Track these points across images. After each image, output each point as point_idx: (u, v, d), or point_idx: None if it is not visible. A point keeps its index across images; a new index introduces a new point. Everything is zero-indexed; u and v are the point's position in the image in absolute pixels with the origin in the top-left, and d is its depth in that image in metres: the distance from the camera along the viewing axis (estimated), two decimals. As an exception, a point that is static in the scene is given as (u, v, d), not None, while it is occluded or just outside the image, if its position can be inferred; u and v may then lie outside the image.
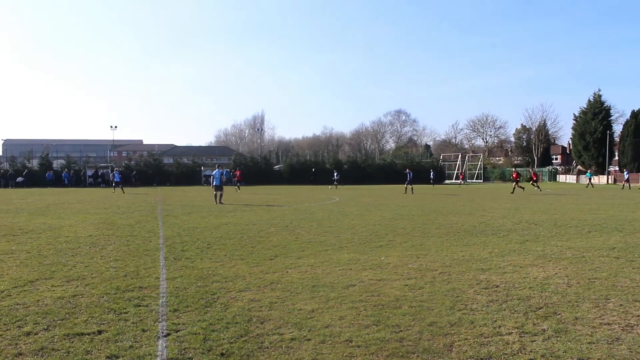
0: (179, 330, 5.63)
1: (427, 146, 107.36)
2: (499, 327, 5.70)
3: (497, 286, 7.66)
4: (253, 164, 67.66)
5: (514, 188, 38.12)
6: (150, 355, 4.92)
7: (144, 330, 5.64)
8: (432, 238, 12.93)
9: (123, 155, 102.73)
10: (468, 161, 77.94)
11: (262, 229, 15.14)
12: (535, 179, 43.20)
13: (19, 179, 56.94)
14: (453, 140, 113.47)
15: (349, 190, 40.91)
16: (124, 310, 6.44)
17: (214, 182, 27.85)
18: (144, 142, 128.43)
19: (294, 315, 6.20)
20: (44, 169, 59.28)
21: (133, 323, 5.91)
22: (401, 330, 5.57)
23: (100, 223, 17.00)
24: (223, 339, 5.35)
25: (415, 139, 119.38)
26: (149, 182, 58.96)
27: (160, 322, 5.95)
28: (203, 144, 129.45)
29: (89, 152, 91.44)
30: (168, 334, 5.50)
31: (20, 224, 16.88)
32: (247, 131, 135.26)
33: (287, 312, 6.32)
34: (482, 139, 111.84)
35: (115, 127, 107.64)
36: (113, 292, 7.41)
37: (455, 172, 73.39)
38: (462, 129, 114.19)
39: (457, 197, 32.03)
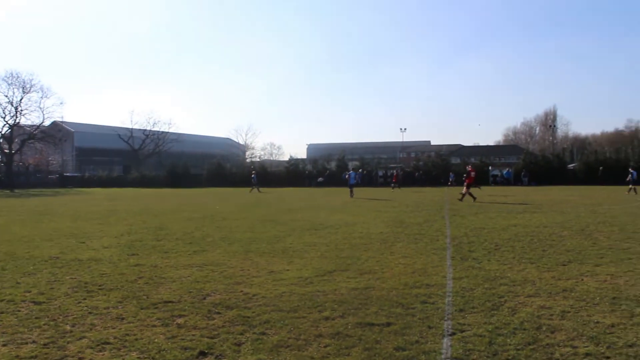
0: (464, 331, 5.61)
1: None
2: None
3: None
4: (544, 163, 64.02)
5: None
6: (435, 352, 5.00)
7: (429, 327, 5.76)
8: None
9: (411, 156, 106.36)
10: None
11: (554, 232, 14.24)
12: None
13: (320, 179, 63.07)
14: None
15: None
16: (411, 306, 6.66)
17: (350, 181, 36.20)
18: (432, 143, 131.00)
19: (590, 328, 5.69)
20: (341, 170, 64.59)
21: (420, 319, 6.08)
22: None
23: (389, 220, 17.88)
24: (509, 344, 5.17)
25: None
26: (434, 182, 59.97)
27: (445, 320, 6.01)
28: (491, 144, 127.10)
29: (380, 153, 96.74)
30: (453, 333, 5.53)
31: (321, 219, 18.72)
32: (537, 128, 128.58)
33: (582, 324, 5.82)
34: None
35: (405, 129, 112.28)
36: (401, 287, 7.72)
37: None
38: None
39: None
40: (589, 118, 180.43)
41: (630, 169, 37.57)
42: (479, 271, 8.89)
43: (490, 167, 64.34)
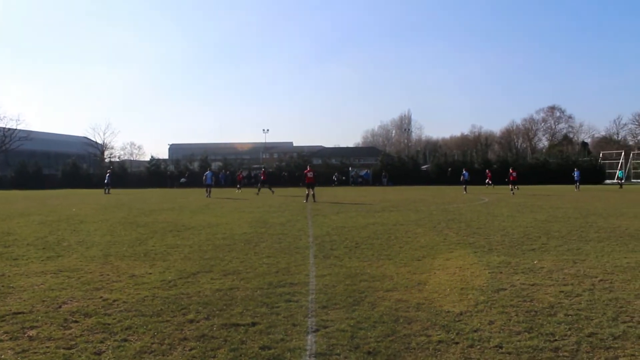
0: (327, 327, 5.76)
1: (585, 144, 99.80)
2: (673, 343, 5.16)
3: (669, 297, 6.96)
4: (400, 165, 67.56)
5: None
6: (300, 349, 5.10)
7: (294, 325, 5.85)
8: (591, 242, 12.05)
9: (274, 157, 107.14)
10: (633, 159, 71.44)
11: (409, 229, 15.07)
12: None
13: (182, 179, 61.66)
14: (615, 136, 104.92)
15: (498, 191, 39.48)
16: (276, 305, 6.73)
17: (206, 181, 36.87)
18: (294, 144, 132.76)
19: (442, 317, 6.11)
20: (204, 171, 63.64)
21: (284, 317, 6.16)
22: (556, 340, 5.27)
23: (253, 221, 17.92)
24: (370, 337, 5.40)
25: (571, 136, 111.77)
26: (298, 183, 60.92)
27: (309, 317, 6.14)
28: (351, 145, 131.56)
29: (244, 154, 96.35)
30: (317, 330, 5.66)
31: (184, 221, 18.32)
32: (394, 131, 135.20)
33: (435, 314, 6.24)
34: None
35: (267, 130, 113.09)
36: (266, 287, 7.77)
37: (617, 171, 67.80)
38: (625, 124, 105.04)
39: (620, 199, 29.53)
40: (439, 123, 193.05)
41: (464, 170, 41.40)
42: (340, 268, 9.17)
43: (350, 168, 66.64)
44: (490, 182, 48.79)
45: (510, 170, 39.58)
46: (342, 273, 8.75)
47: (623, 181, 50.42)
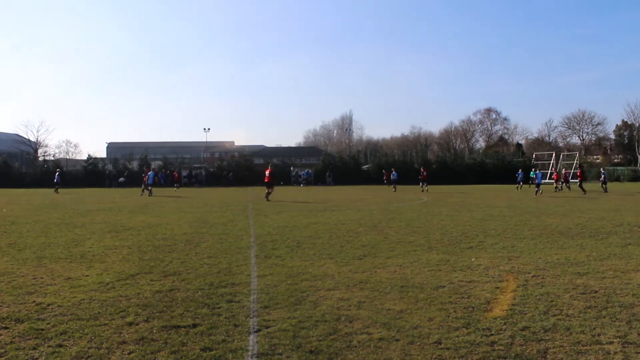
0: (269, 327, 5.75)
1: (519, 145, 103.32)
2: (598, 335, 5.41)
3: (596, 292, 7.28)
4: (342, 164, 68.04)
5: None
6: (242, 349, 5.07)
7: (236, 325, 5.81)
8: (525, 240, 12.49)
9: (215, 156, 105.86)
10: (563, 160, 74.33)
11: (350, 228, 15.20)
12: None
13: (121, 179, 60.17)
14: (546, 138, 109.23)
15: (437, 190, 40.36)
16: (217, 306, 6.66)
17: (148, 181, 37.63)
18: (236, 144, 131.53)
19: (383, 315, 6.19)
20: (143, 170, 62.27)
21: (226, 318, 6.11)
22: (492, 334, 5.44)
23: (194, 221, 17.68)
24: (312, 336, 5.42)
25: (506, 137, 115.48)
26: (240, 182, 60.50)
27: (251, 318, 6.11)
28: (292, 145, 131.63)
29: (184, 153, 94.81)
30: (259, 330, 5.65)
31: (122, 221, 17.88)
32: (335, 131, 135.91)
33: (376, 312, 6.31)
34: (579, 136, 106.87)
35: (209, 129, 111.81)
36: (207, 287, 7.69)
37: (549, 171, 70.37)
38: (556, 127, 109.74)
39: (551, 199, 30.69)
40: (379, 123, 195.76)
41: (393, 170, 42.69)
42: (282, 268, 9.17)
43: (292, 168, 66.64)
44: (386, 181, 50.39)
45: (422, 170, 42.80)
46: (283, 273, 8.75)
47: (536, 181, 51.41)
